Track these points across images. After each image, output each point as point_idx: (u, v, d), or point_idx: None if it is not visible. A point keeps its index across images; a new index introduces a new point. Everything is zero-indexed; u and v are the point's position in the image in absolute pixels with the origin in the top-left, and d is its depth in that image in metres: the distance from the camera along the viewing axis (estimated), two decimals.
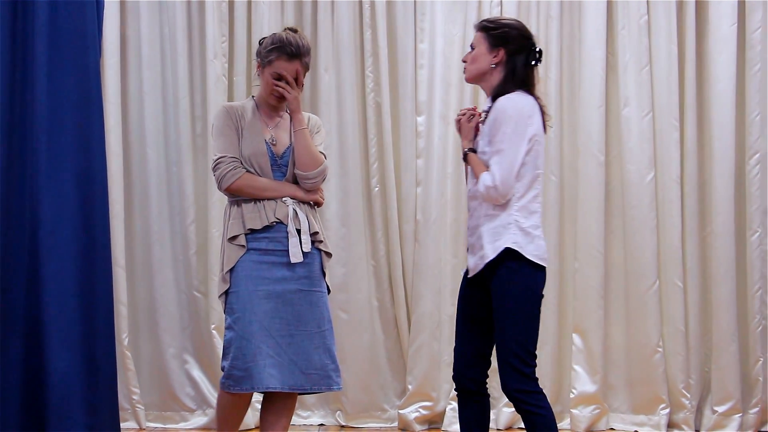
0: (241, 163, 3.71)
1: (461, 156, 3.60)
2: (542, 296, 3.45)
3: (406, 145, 5.35)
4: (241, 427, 4.10)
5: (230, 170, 3.68)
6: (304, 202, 3.75)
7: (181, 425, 5.31)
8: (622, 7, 5.30)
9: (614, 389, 5.34)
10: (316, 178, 3.72)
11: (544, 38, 5.29)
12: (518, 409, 3.44)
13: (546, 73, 5.28)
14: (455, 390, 3.66)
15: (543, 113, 3.51)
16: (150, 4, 5.32)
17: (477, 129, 3.57)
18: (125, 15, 5.31)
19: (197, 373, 5.32)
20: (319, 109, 5.28)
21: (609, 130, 5.32)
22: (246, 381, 3.62)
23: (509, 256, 3.39)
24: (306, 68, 3.77)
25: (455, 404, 5.09)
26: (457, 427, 3.76)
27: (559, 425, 5.23)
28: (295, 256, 3.65)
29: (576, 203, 5.31)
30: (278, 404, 3.75)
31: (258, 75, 3.82)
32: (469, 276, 3.57)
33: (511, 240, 3.39)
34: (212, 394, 5.30)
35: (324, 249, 3.78)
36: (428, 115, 5.29)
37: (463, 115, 3.62)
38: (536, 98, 3.50)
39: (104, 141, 4.81)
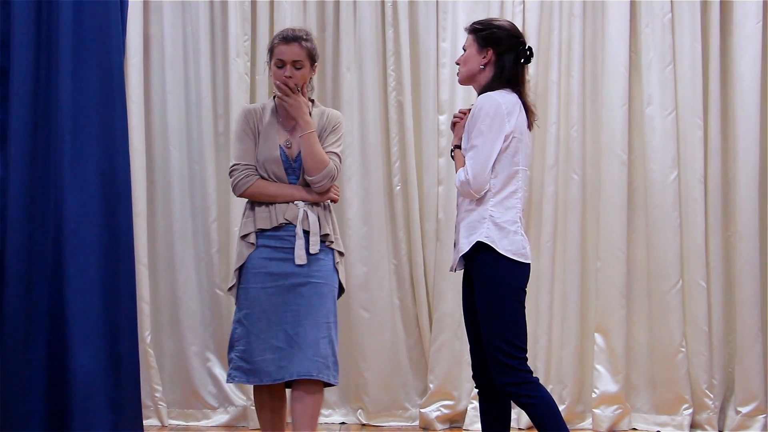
0: (256, 169, 3.77)
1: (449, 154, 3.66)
2: (523, 290, 3.48)
3: (428, 143, 5.35)
4: (255, 426, 4.18)
5: (242, 178, 3.76)
6: (316, 204, 3.77)
7: (203, 423, 5.34)
8: (645, 5, 5.27)
9: (637, 389, 5.32)
10: (322, 181, 3.75)
11: (567, 37, 5.28)
12: (516, 403, 3.46)
13: (569, 72, 5.28)
14: (476, 389, 3.66)
15: (529, 111, 3.53)
16: (173, 4, 5.35)
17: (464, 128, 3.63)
18: (149, 14, 5.34)
19: (219, 371, 5.33)
20: (341, 108, 5.28)
21: (632, 129, 5.30)
22: (253, 375, 3.72)
23: (483, 250, 3.43)
24: (309, 54, 3.76)
25: (477, 403, 5.10)
26: (479, 426, 3.76)
27: (581, 425, 5.28)
28: (300, 258, 3.71)
29: (598, 202, 5.28)
30: (301, 390, 3.71)
31: (270, 77, 3.86)
32: (450, 271, 3.66)
33: (484, 234, 3.43)
34: (234, 392, 5.32)
35: (336, 248, 3.80)
36: (450, 113, 5.26)
37: (460, 119, 3.65)
38: (523, 96, 3.52)
39: (127, 139, 4.83)
